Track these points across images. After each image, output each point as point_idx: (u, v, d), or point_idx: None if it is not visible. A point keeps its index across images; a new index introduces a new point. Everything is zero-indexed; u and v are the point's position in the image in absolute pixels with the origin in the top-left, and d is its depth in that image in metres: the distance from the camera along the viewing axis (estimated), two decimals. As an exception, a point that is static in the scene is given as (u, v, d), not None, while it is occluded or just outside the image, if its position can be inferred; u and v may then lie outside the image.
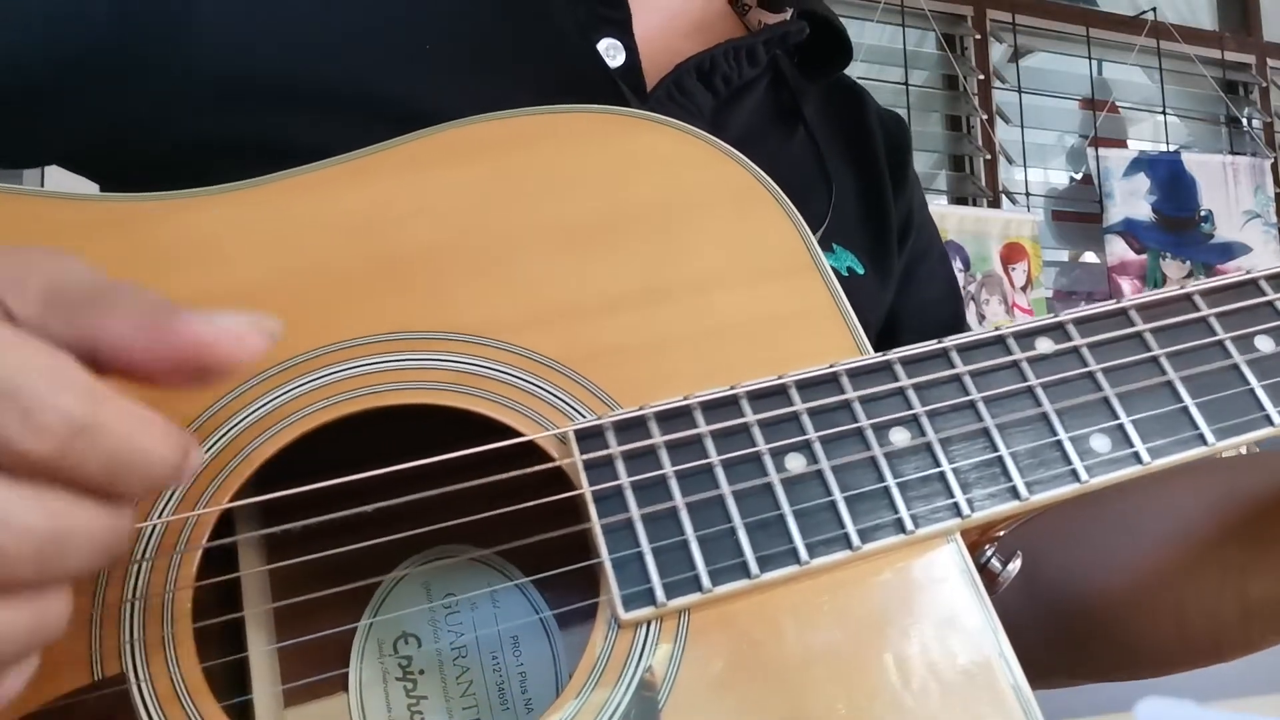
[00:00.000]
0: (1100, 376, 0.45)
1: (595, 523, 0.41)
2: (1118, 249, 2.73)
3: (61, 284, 0.34)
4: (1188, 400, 0.44)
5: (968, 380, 0.45)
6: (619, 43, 0.61)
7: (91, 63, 0.54)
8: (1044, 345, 0.46)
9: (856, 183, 0.74)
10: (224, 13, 0.55)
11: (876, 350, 0.46)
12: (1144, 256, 2.74)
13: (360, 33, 0.57)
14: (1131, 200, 2.77)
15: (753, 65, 0.67)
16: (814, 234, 0.48)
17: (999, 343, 0.46)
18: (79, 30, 0.53)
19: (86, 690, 0.39)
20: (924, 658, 0.41)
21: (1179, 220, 2.81)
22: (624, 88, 0.61)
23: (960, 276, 2.46)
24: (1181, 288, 0.47)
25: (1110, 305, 0.47)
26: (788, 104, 0.73)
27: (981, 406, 0.44)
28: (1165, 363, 0.45)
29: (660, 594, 0.40)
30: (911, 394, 0.44)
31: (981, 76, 2.79)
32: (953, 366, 0.45)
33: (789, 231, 0.48)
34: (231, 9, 0.55)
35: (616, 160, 0.49)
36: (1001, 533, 0.47)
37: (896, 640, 0.41)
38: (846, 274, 0.68)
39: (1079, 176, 2.93)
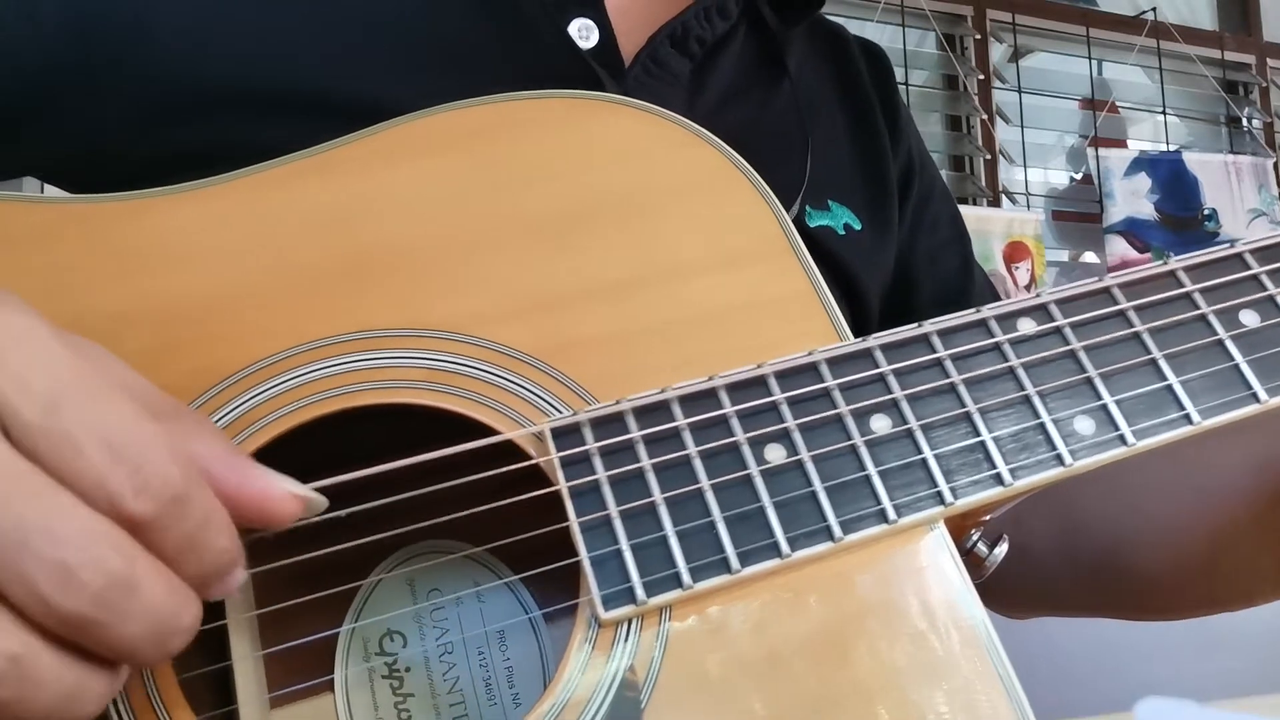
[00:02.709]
0: (1083, 356, 0.44)
1: (573, 521, 0.41)
2: (1118, 249, 2.72)
3: (137, 387, 0.36)
4: (1172, 379, 0.44)
5: (949, 364, 0.44)
6: (590, 22, 0.60)
7: (51, 76, 0.54)
8: (1026, 326, 0.45)
9: (851, 132, 0.73)
10: (181, 22, 0.54)
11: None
12: (1147, 255, 2.73)
13: (323, 35, 0.56)
14: (1133, 200, 2.76)
15: (724, 19, 0.66)
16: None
17: (980, 325, 0.45)
18: (33, 46, 0.53)
19: None
20: (910, 647, 0.40)
21: (1182, 219, 2.80)
22: (599, 70, 0.60)
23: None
24: (1164, 264, 0.46)
25: (1093, 284, 0.46)
26: (771, 50, 0.71)
27: (963, 390, 0.43)
28: (1149, 340, 0.44)
29: (640, 592, 0.40)
30: (892, 379, 0.43)
31: (981, 76, 2.79)
32: (933, 350, 0.44)
33: (765, 215, 0.47)
34: (189, 17, 0.55)
35: (587, 147, 0.48)
36: (987, 517, 0.46)
37: (882, 630, 0.40)
38: (843, 231, 0.67)
39: (1079, 176, 2.93)
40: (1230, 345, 0.44)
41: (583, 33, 0.60)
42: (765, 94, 0.70)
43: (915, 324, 0.45)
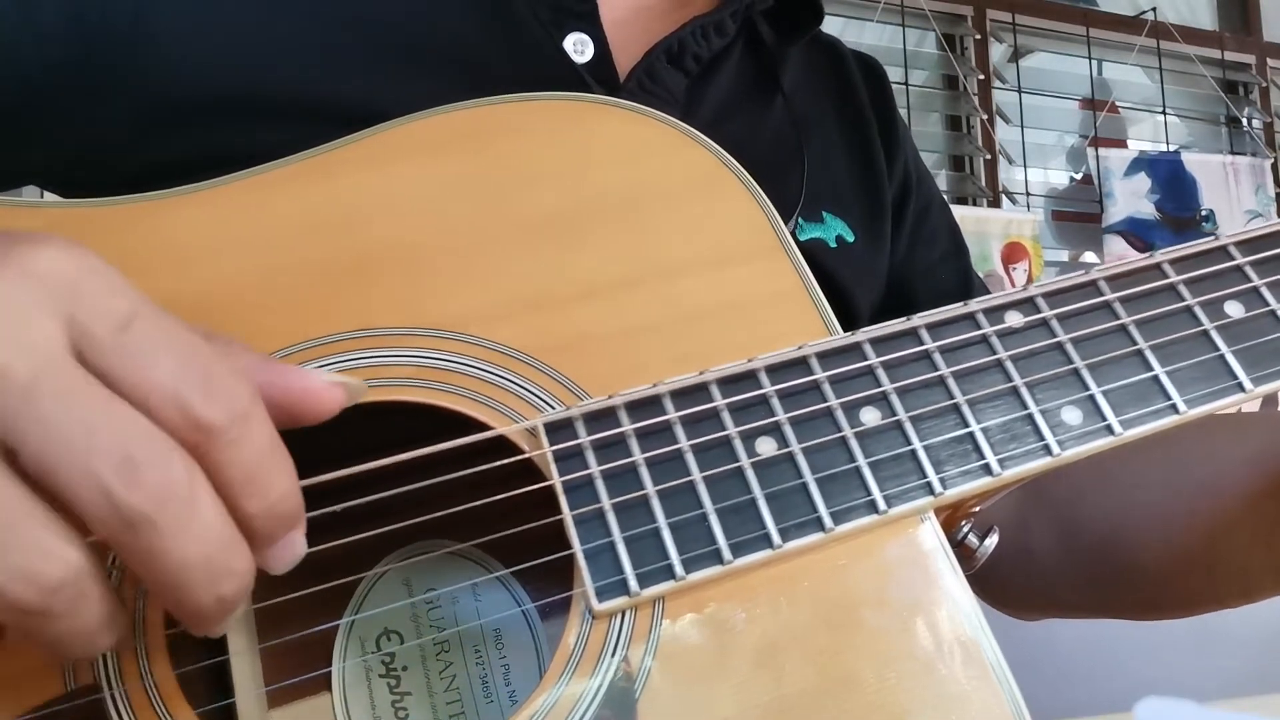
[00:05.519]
0: (1070, 348, 0.45)
1: (566, 514, 0.41)
2: (1118, 249, 2.72)
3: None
4: (1158, 369, 0.44)
5: (937, 357, 0.44)
6: (586, 36, 0.60)
7: (51, 79, 0.54)
8: (1013, 319, 0.45)
9: (846, 144, 0.74)
10: (180, 26, 0.55)
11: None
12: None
13: (322, 40, 0.56)
14: (1133, 199, 2.76)
15: (721, 36, 0.66)
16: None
17: (968, 318, 0.45)
18: (32, 48, 0.53)
19: (59, 701, 0.39)
20: (902, 637, 0.40)
21: (1181, 220, 2.80)
22: (593, 84, 0.60)
23: (961, 277, 2.45)
24: (1150, 256, 0.46)
25: (1079, 277, 0.46)
26: (767, 68, 0.72)
27: (951, 382, 0.44)
28: (1135, 332, 0.45)
29: (633, 583, 0.40)
30: (881, 372, 0.44)
31: (981, 76, 2.78)
32: (922, 343, 0.44)
33: (756, 214, 0.48)
34: (187, 22, 0.55)
35: (582, 148, 0.49)
36: (977, 508, 0.46)
37: (874, 620, 0.40)
38: (835, 243, 0.67)
39: (1079, 176, 2.93)
40: (1215, 335, 0.45)
41: (578, 47, 0.60)
42: (761, 110, 0.70)
43: (904, 318, 0.45)
